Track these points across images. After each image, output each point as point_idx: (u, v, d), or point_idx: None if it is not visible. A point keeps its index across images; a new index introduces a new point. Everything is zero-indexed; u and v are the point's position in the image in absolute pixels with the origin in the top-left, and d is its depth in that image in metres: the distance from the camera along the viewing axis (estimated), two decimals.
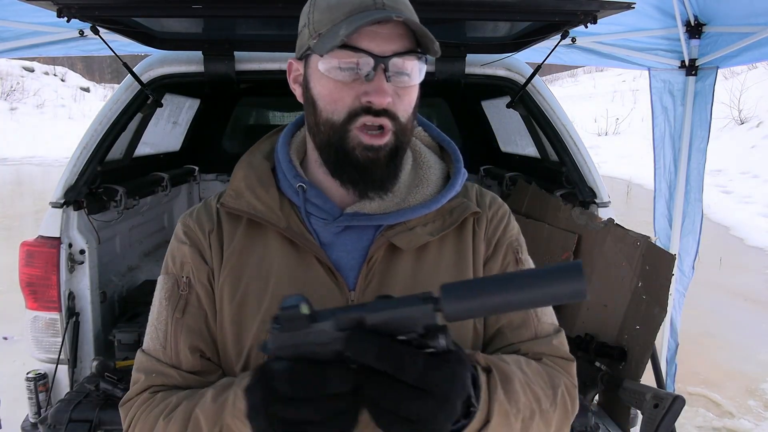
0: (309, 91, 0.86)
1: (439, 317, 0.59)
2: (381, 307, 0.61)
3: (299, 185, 0.90)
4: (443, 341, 0.61)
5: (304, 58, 0.87)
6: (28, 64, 27.48)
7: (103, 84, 33.24)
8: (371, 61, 0.79)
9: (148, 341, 0.92)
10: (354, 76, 0.81)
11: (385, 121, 0.81)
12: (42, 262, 2.18)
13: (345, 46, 0.79)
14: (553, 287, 0.55)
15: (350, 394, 0.61)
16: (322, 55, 0.81)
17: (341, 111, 0.82)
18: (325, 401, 0.60)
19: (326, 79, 0.82)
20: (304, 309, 0.62)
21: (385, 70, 0.80)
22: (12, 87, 25.51)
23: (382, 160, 0.83)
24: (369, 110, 0.81)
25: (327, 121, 0.83)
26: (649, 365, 2.00)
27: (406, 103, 0.84)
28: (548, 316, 0.94)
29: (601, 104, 22.58)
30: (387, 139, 0.83)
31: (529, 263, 0.98)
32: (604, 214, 2.33)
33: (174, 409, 0.82)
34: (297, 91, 0.92)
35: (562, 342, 0.93)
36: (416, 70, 0.83)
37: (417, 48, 0.83)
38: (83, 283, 2.25)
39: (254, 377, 0.65)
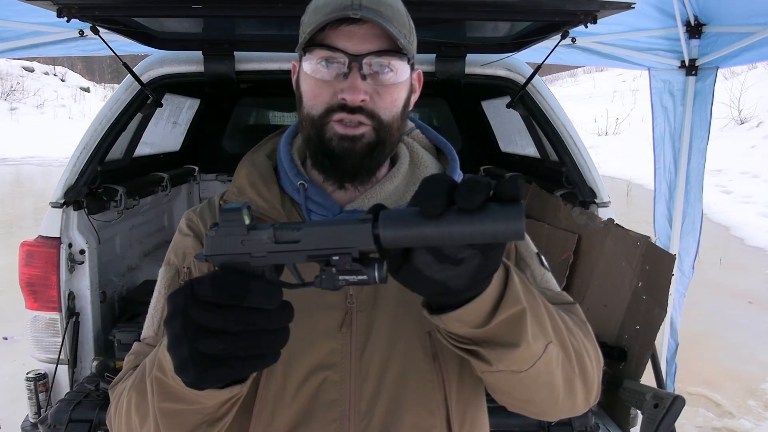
0: (299, 90, 0.90)
1: (378, 245, 0.58)
2: (318, 224, 0.61)
3: (300, 183, 0.92)
4: (375, 273, 0.60)
5: (300, 59, 0.90)
6: (28, 64, 27.49)
7: (103, 84, 33.24)
8: (346, 60, 0.83)
9: (144, 330, 0.94)
10: (334, 75, 0.84)
11: (361, 118, 0.84)
12: (42, 262, 2.18)
13: (324, 45, 0.83)
14: (494, 224, 0.54)
15: (275, 315, 0.60)
16: (305, 55, 0.86)
17: (319, 106, 0.85)
18: (245, 312, 0.58)
19: (309, 77, 0.86)
20: (246, 216, 0.61)
21: (360, 68, 0.83)
22: (12, 87, 25.51)
23: (357, 151, 0.85)
24: (344, 107, 0.84)
25: (307, 116, 0.87)
26: (649, 365, 2.00)
27: (387, 102, 0.86)
28: (551, 284, 0.96)
29: (601, 104, 22.57)
30: (363, 130, 0.85)
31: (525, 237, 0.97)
32: (604, 214, 2.33)
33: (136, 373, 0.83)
34: (296, 90, 0.94)
35: (563, 294, 0.93)
36: (397, 69, 0.85)
37: (399, 48, 0.84)
38: (83, 283, 2.25)
39: (181, 286, 0.62)
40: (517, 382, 0.74)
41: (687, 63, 2.94)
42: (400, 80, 0.87)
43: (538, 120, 2.45)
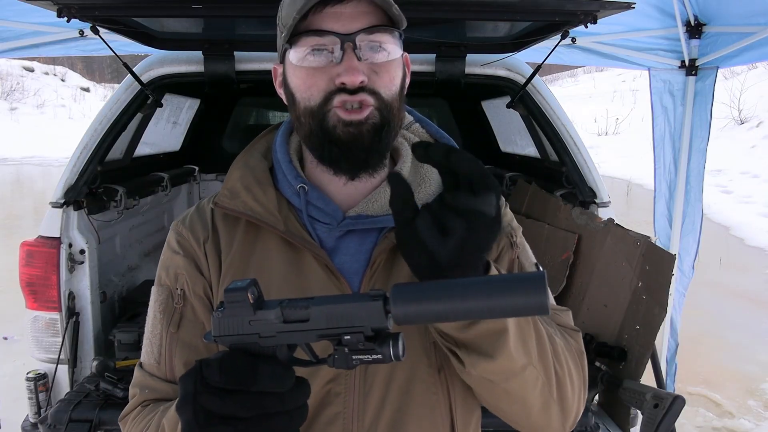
0: (288, 88, 0.85)
1: (390, 322, 0.57)
2: (328, 301, 0.58)
3: (300, 186, 0.87)
4: (390, 350, 0.57)
5: (283, 58, 0.86)
6: (28, 64, 27.50)
7: (103, 84, 33.25)
8: (337, 41, 0.78)
9: (143, 355, 0.90)
10: (326, 61, 0.79)
11: (364, 97, 0.80)
12: (42, 262, 2.18)
13: (310, 31, 0.78)
14: (513, 299, 0.52)
15: (288, 396, 0.58)
16: (290, 47, 0.81)
17: (317, 95, 0.80)
18: (254, 397, 0.56)
19: (299, 69, 0.81)
20: (251, 295, 0.59)
21: (354, 48, 0.78)
22: (12, 87, 25.53)
23: (364, 134, 0.80)
24: (344, 90, 0.79)
25: (305, 110, 0.82)
26: (649, 365, 2.00)
27: (386, 80, 0.81)
28: (551, 299, 0.93)
29: (601, 104, 22.57)
30: (368, 112, 0.80)
31: (525, 247, 0.96)
32: (604, 214, 2.33)
33: (152, 420, 0.82)
34: (282, 94, 0.90)
35: (567, 317, 0.91)
36: (390, 44, 0.81)
37: (388, 23, 0.80)
38: (83, 283, 2.25)
39: (192, 368, 0.60)
40: (490, 389, 0.76)
41: (687, 63, 2.94)
42: (395, 57, 0.82)
43: (538, 120, 2.45)
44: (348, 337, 0.57)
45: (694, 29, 2.85)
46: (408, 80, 0.89)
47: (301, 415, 0.60)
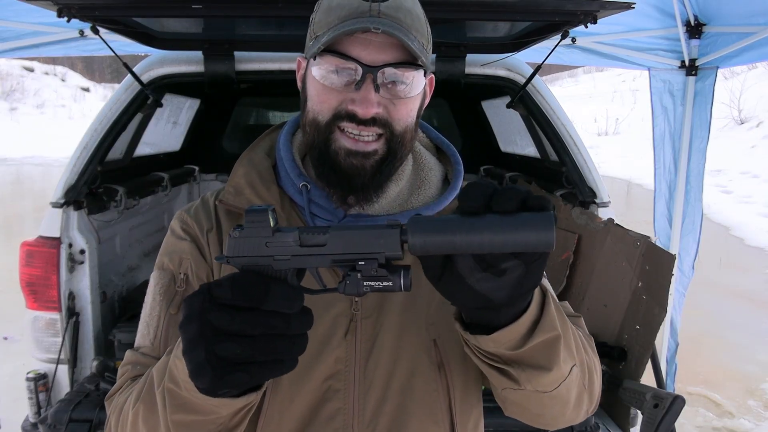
0: (305, 91, 0.87)
1: (404, 252, 0.58)
2: (345, 228, 0.60)
3: (303, 184, 0.88)
4: (400, 280, 0.59)
5: (307, 58, 0.86)
6: (28, 64, 27.50)
7: (103, 84, 33.23)
8: (360, 70, 0.78)
9: (138, 339, 0.91)
10: (345, 82, 0.80)
11: (375, 130, 0.81)
12: (42, 262, 2.18)
13: (336, 52, 0.78)
14: (523, 233, 0.54)
15: (295, 320, 0.58)
16: (315, 59, 0.81)
17: (326, 112, 0.81)
18: (263, 315, 0.57)
19: (318, 83, 0.82)
20: (271, 219, 0.61)
21: (374, 80, 0.78)
22: (12, 87, 25.54)
23: (367, 168, 0.82)
24: (354, 118, 0.80)
25: (313, 121, 0.83)
26: (649, 365, 2.00)
27: (402, 113, 0.82)
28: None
29: (601, 104, 22.60)
30: (377, 146, 0.81)
31: None
32: (604, 214, 2.33)
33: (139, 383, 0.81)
34: (300, 88, 0.91)
35: (566, 306, 0.92)
36: (413, 81, 0.81)
37: (415, 59, 0.80)
38: (83, 283, 2.25)
39: (199, 289, 0.60)
40: (537, 400, 0.74)
41: (687, 63, 2.94)
42: (416, 92, 0.83)
43: (538, 120, 2.45)
44: (363, 262, 0.59)
45: (694, 29, 2.85)
46: (428, 101, 0.90)
47: (302, 343, 0.60)
